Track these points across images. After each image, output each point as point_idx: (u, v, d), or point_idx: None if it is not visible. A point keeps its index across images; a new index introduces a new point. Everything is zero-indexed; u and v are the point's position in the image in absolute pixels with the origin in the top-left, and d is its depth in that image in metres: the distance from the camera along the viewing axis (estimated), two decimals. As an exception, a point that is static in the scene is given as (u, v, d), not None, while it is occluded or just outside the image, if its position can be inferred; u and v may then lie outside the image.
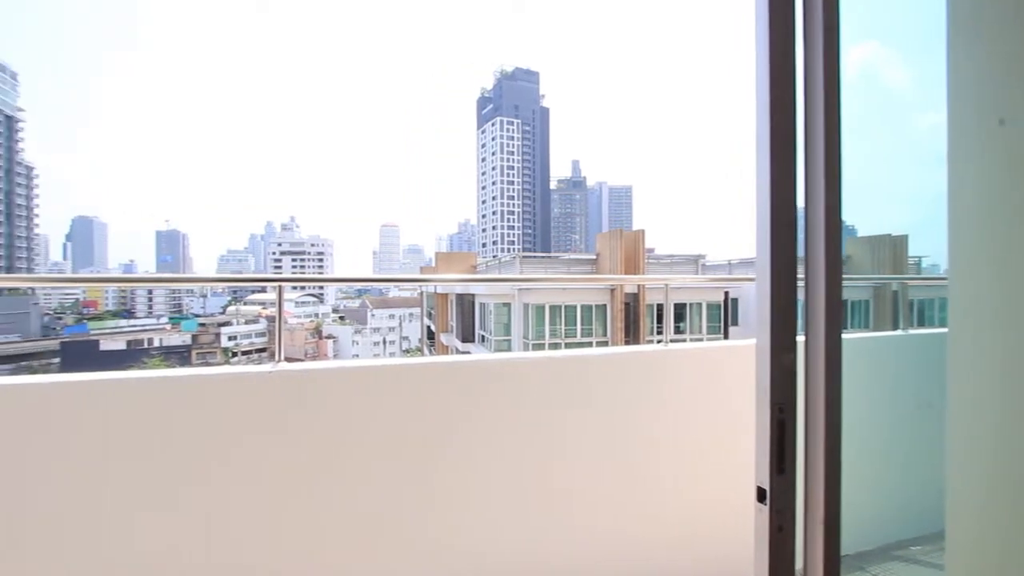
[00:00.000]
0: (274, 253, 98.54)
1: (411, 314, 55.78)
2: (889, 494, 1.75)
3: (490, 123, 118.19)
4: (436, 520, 2.05)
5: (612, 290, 19.34)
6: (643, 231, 20.10)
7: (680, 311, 20.42)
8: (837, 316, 1.03)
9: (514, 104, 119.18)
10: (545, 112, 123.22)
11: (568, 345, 18.77)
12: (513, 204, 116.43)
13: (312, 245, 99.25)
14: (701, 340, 19.73)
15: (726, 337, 20.37)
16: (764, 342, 1.02)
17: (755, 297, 1.03)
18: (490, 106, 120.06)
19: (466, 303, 23.09)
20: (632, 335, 19.43)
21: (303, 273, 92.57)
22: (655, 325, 20.02)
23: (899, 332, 2.41)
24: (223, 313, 69.00)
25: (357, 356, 51.87)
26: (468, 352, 21.91)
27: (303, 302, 66.63)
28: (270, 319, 55.52)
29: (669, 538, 2.33)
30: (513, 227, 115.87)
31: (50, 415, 1.70)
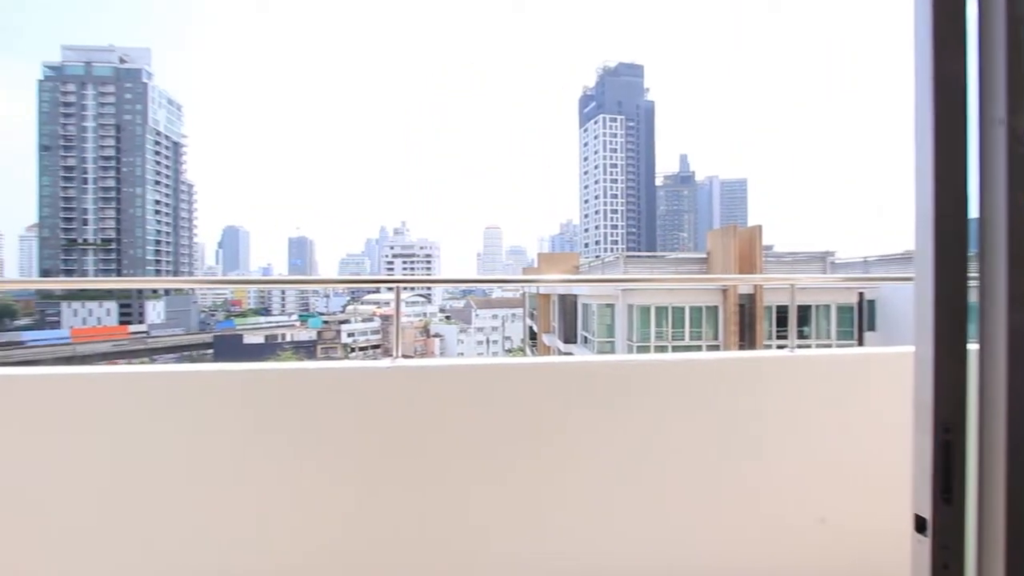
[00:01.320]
0: (387, 256, 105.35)
1: (513, 314, 56.76)
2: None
3: (592, 121, 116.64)
4: (545, 522, 2.05)
5: (724, 291, 18.18)
6: (759, 227, 18.55)
7: (804, 314, 18.60)
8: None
9: (617, 100, 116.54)
10: (650, 106, 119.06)
11: (675, 348, 17.97)
12: (616, 203, 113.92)
13: (421, 248, 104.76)
14: (830, 346, 17.92)
15: (860, 343, 18.28)
16: (925, 351, 0.88)
17: (914, 299, 0.89)
18: (592, 104, 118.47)
19: (568, 304, 23.01)
20: (747, 339, 18.13)
21: (412, 274, 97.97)
22: (773, 329, 18.47)
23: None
24: (343, 312, 75.22)
25: (462, 354, 53.82)
26: (570, 353, 21.81)
27: (412, 302, 70.57)
28: (383, 318, 59.47)
29: (794, 565, 2.13)
30: (617, 226, 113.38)
31: (199, 400, 1.94)
